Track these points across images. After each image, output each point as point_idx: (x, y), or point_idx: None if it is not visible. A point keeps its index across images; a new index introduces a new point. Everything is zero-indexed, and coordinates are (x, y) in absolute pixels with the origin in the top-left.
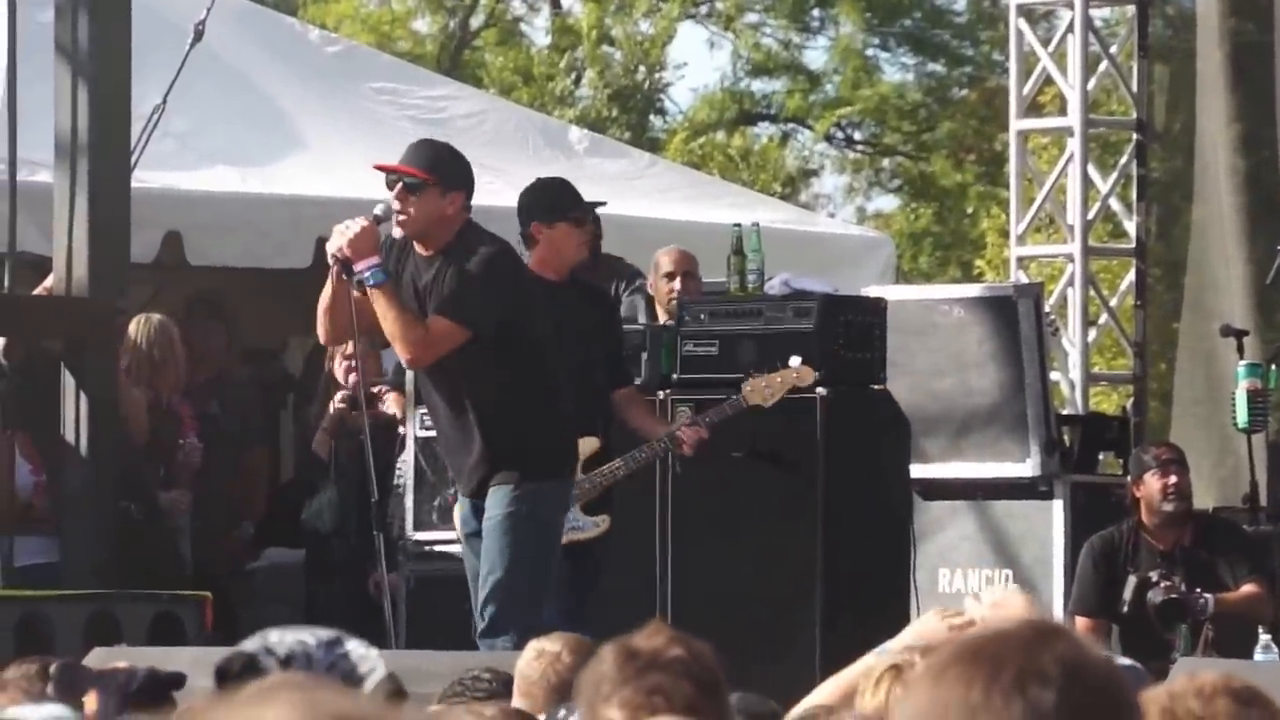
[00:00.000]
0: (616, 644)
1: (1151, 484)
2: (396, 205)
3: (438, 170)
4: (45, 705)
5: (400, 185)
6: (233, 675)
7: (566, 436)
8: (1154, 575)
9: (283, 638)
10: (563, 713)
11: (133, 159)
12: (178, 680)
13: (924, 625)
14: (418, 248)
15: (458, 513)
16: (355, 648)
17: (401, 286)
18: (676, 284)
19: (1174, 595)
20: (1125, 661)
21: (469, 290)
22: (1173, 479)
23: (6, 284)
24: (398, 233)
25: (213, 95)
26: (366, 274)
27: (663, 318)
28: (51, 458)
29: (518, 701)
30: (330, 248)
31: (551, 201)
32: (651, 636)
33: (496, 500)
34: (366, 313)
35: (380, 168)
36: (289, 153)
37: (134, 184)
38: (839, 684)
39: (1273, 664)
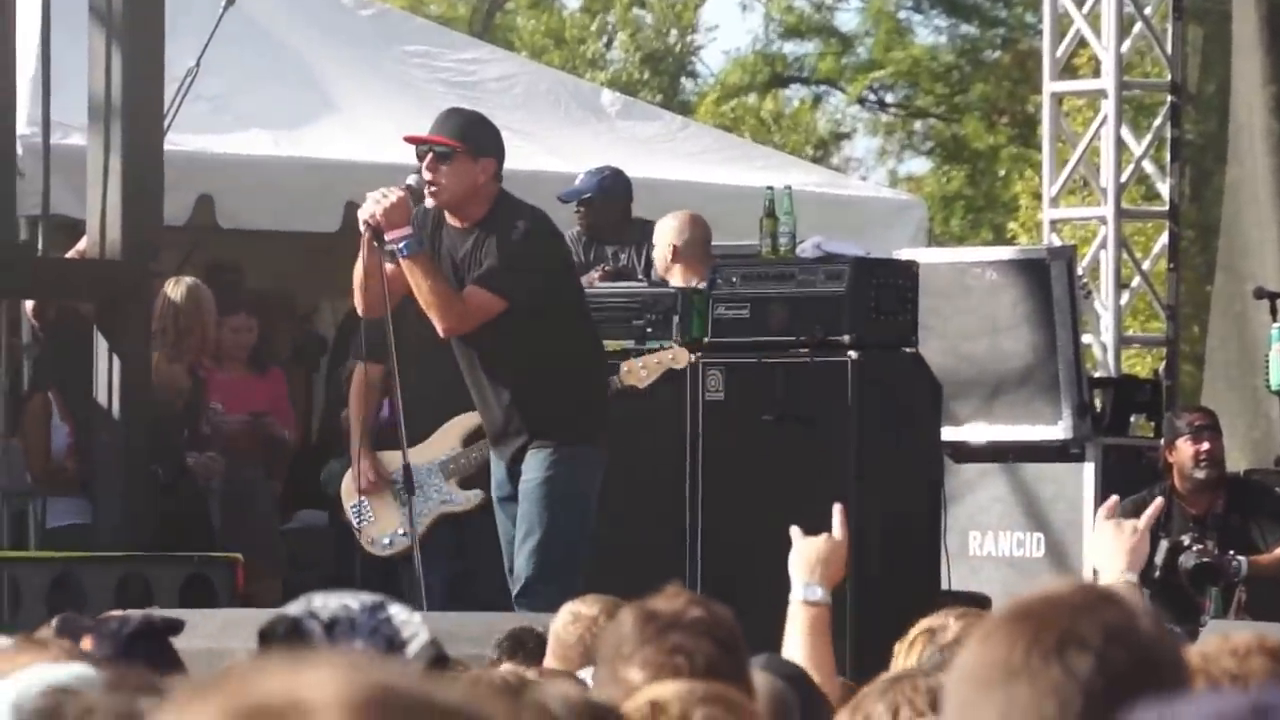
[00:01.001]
0: (635, 606)
1: (1184, 450)
2: (428, 175)
3: (467, 138)
4: (72, 664)
5: (430, 155)
6: (277, 638)
7: (603, 401)
8: (1185, 539)
9: (326, 602)
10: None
11: (166, 122)
12: (175, 626)
13: (802, 550)
14: (450, 220)
15: (492, 476)
16: (398, 613)
17: (441, 259)
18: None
19: (1206, 559)
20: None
21: (507, 261)
22: (1205, 445)
23: (40, 247)
24: (430, 203)
25: (246, 58)
26: (401, 244)
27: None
28: (84, 420)
29: (551, 664)
30: (362, 214)
31: None
32: (671, 598)
33: (534, 464)
34: (399, 282)
35: (410, 139)
36: (321, 116)
37: (167, 147)
38: (799, 645)
39: None
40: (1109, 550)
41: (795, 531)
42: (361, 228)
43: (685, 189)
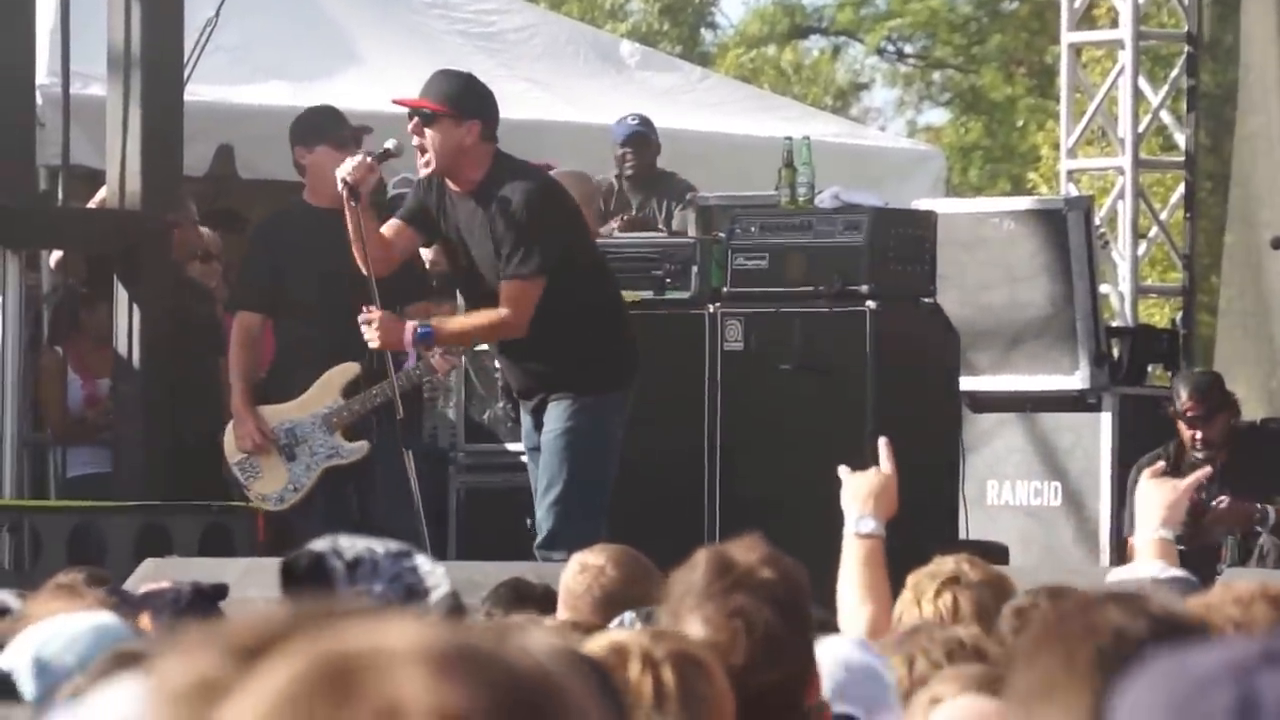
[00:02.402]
0: (713, 552)
1: (1182, 430)
2: (415, 140)
3: (451, 101)
4: (92, 614)
5: (415, 119)
6: (298, 573)
7: (625, 348)
8: (1201, 499)
9: (353, 543)
10: (617, 622)
11: (185, 72)
12: (221, 592)
13: (854, 487)
14: (450, 185)
15: (522, 427)
16: (423, 562)
17: (448, 222)
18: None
19: (1233, 508)
20: (1178, 573)
21: (525, 239)
22: (1198, 434)
23: (60, 197)
24: (424, 172)
25: (265, 8)
26: (418, 338)
27: None
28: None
29: (563, 614)
30: (339, 174)
31: (311, 125)
32: (748, 551)
33: (556, 414)
34: (398, 245)
35: (397, 102)
36: (341, 66)
37: (186, 97)
38: (853, 576)
39: None
40: (1147, 507)
41: (844, 470)
42: (339, 188)
43: (704, 139)
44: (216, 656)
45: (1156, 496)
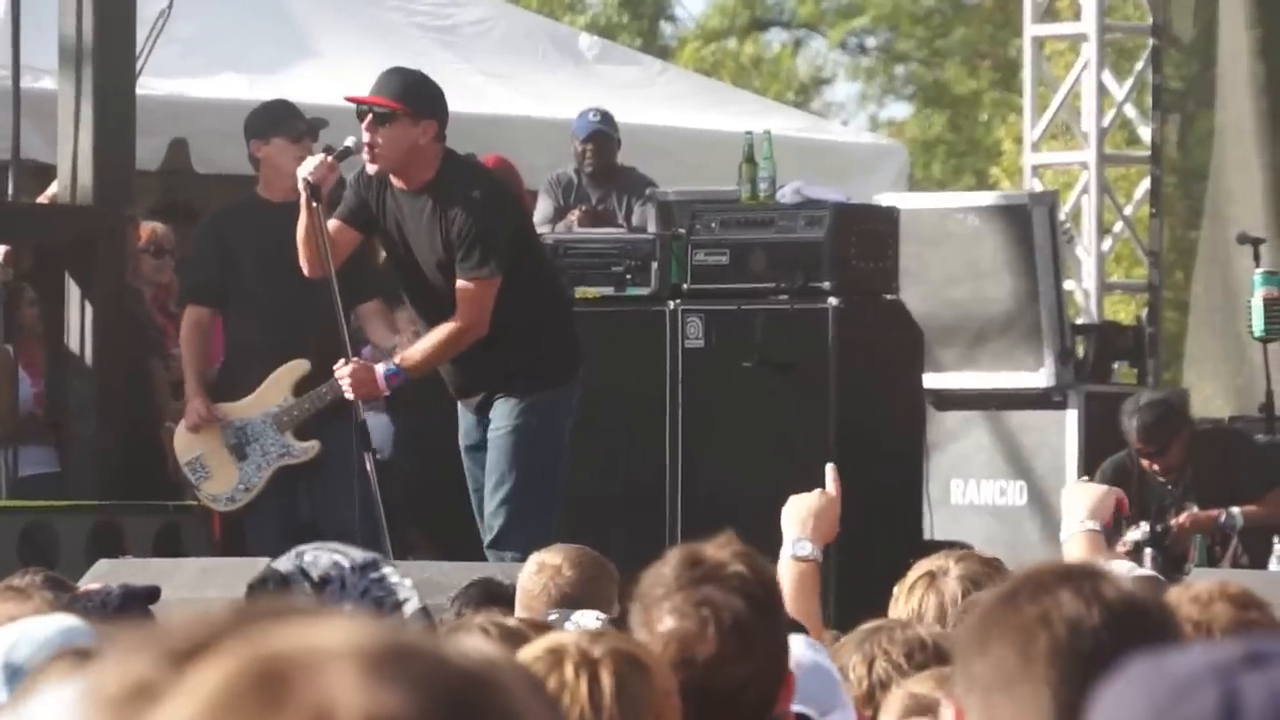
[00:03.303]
0: (685, 548)
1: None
2: (366, 137)
3: (408, 99)
4: (57, 616)
5: (369, 116)
6: (266, 595)
7: (570, 344)
8: (1159, 525)
9: (318, 558)
10: (554, 616)
11: (138, 65)
12: (153, 594)
13: (795, 506)
14: (395, 181)
15: (460, 424)
16: (391, 574)
17: (386, 218)
18: None
19: (1199, 521)
20: (1146, 573)
21: (481, 240)
22: (1156, 466)
23: (10, 191)
24: (372, 169)
25: (219, 1)
26: (391, 379)
27: None
28: (51, 368)
29: (520, 613)
30: (300, 173)
31: (266, 118)
32: (720, 547)
33: (503, 412)
34: (340, 244)
35: (350, 100)
36: (296, 59)
37: (139, 90)
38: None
39: None
40: (1073, 503)
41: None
42: (299, 186)
43: (664, 134)
44: (151, 659)
45: (1082, 492)
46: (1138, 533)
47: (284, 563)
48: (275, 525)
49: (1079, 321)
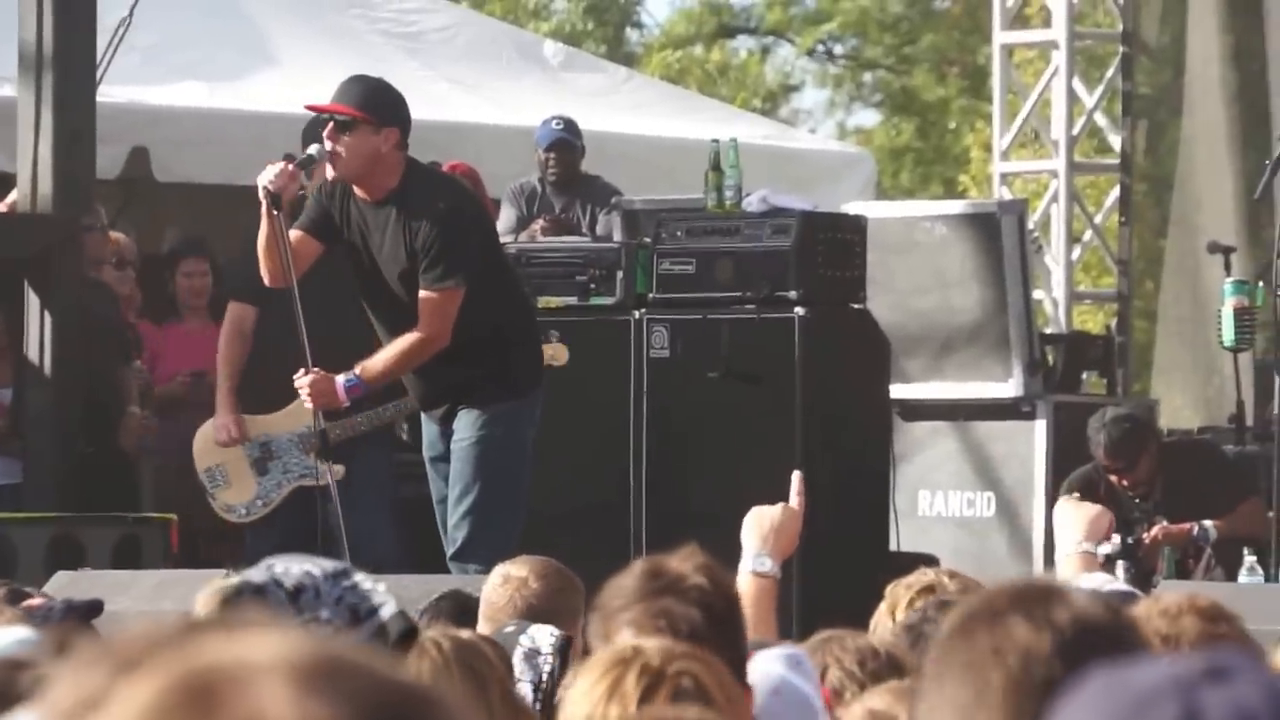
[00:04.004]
0: (649, 560)
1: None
2: (329, 145)
3: (369, 108)
4: (12, 628)
5: (331, 125)
6: (240, 606)
7: (533, 354)
8: (1130, 538)
9: (289, 568)
10: (511, 628)
11: (98, 73)
12: (96, 608)
13: (757, 519)
14: (358, 192)
15: (424, 435)
16: (363, 580)
17: (350, 229)
18: None
19: (1171, 535)
20: (1122, 588)
21: (446, 252)
22: (1125, 481)
23: None
24: (332, 175)
25: (180, 8)
26: (350, 389)
27: None
28: (15, 377)
29: (484, 627)
30: (261, 180)
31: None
32: (683, 560)
33: (467, 423)
34: (302, 255)
35: (311, 108)
36: (258, 67)
37: (99, 98)
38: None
39: (1258, 586)
40: (1066, 523)
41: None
42: (260, 195)
43: (629, 141)
44: (103, 671)
45: (1076, 512)
46: (1109, 546)
47: (256, 574)
48: (280, 545)
49: (1048, 331)
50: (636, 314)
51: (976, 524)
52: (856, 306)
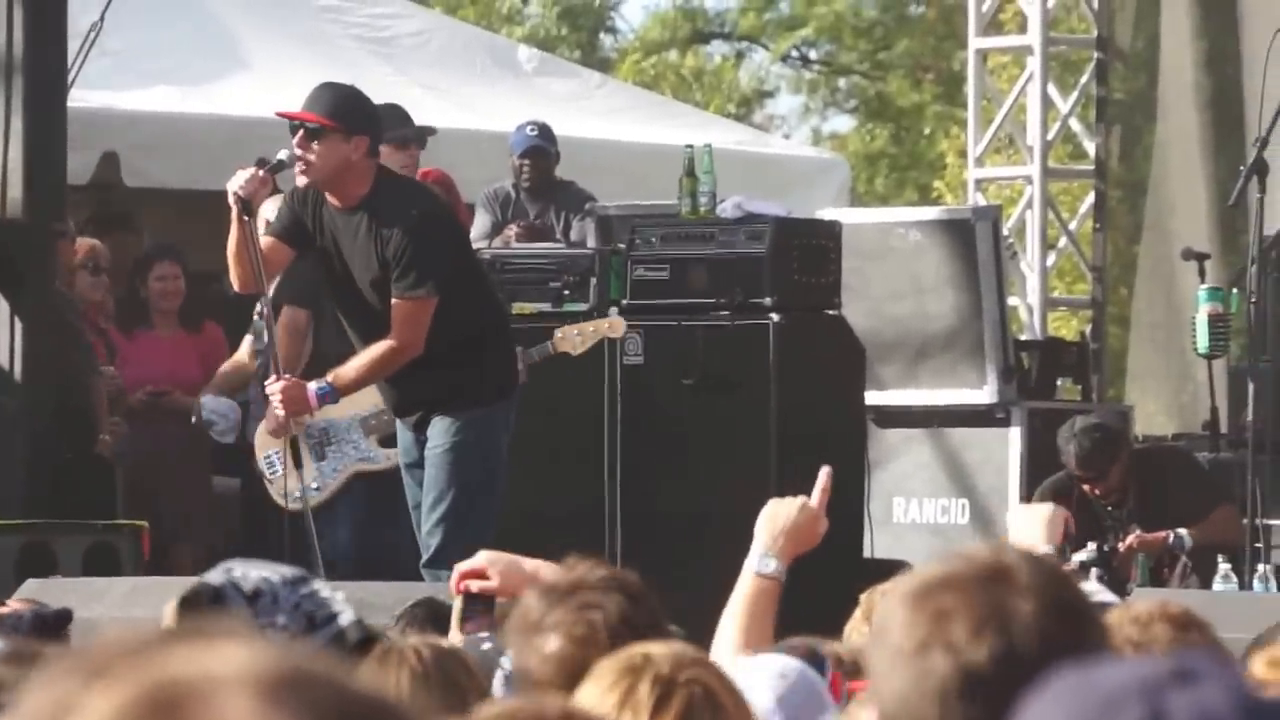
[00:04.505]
0: (536, 585)
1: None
2: (298, 152)
3: (339, 115)
4: None
5: (301, 132)
6: (198, 609)
7: (507, 361)
8: (1105, 545)
9: (247, 572)
10: (489, 645)
11: (69, 77)
12: (65, 617)
13: (772, 513)
14: (330, 199)
15: (399, 442)
16: (320, 587)
17: (324, 236)
18: None
19: (1146, 543)
20: (1108, 597)
21: (417, 260)
22: (1096, 490)
23: None
24: (301, 181)
25: (152, 12)
26: (322, 396)
27: None
28: None
29: (454, 636)
30: (230, 187)
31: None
32: (571, 568)
33: (440, 429)
34: (274, 261)
35: (282, 115)
36: (230, 72)
37: (70, 103)
38: (738, 613)
39: (1232, 594)
40: (1022, 526)
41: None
42: (230, 200)
43: (603, 147)
44: (74, 680)
45: (1032, 514)
46: (1084, 553)
47: (214, 576)
48: (341, 530)
49: (1022, 338)
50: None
51: (951, 531)
52: (831, 313)
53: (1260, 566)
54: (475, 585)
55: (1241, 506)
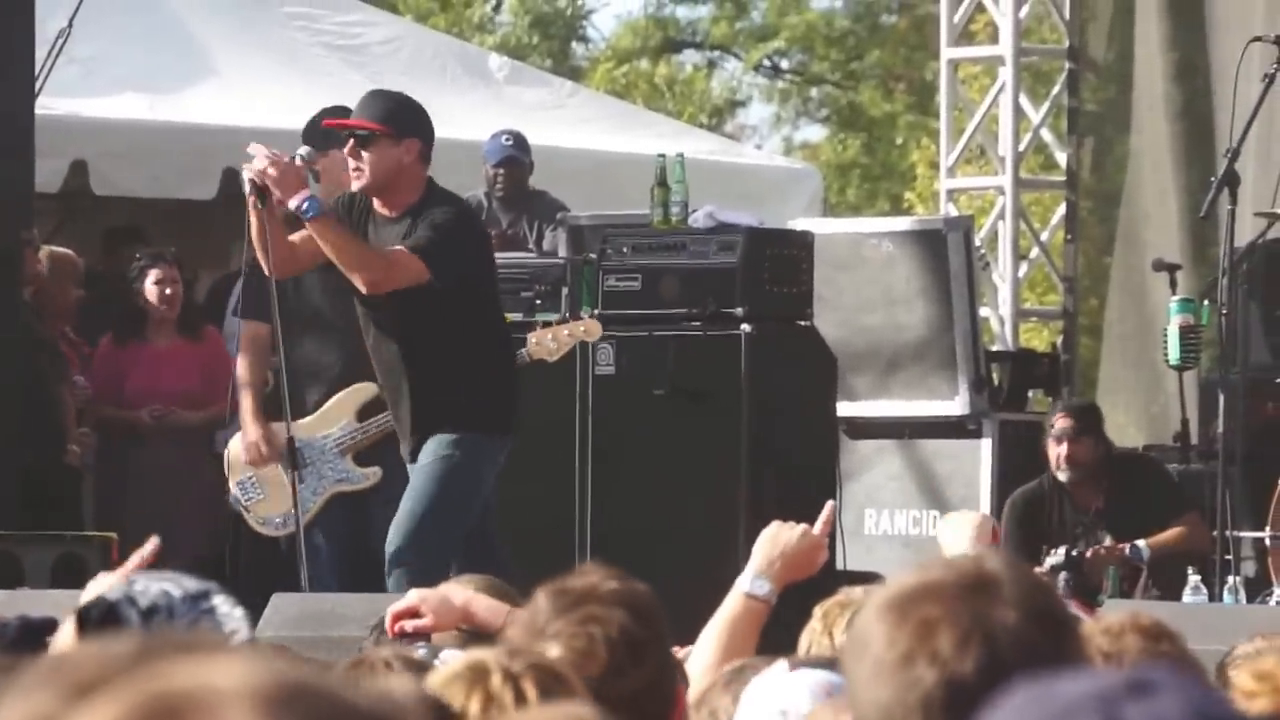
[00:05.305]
0: (550, 585)
1: (1050, 451)
2: (351, 163)
3: (388, 118)
4: None
5: (352, 141)
6: (92, 623)
7: (512, 392)
8: (1074, 550)
9: (148, 587)
10: (423, 649)
11: (37, 85)
12: (50, 625)
13: (773, 536)
14: (379, 207)
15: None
16: (221, 604)
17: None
18: None
19: (1103, 556)
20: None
21: (436, 236)
22: (1064, 450)
23: None
24: (355, 187)
25: (120, 19)
26: (303, 205)
27: None
28: None
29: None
30: (247, 172)
31: (319, 128)
32: (585, 575)
33: (432, 446)
34: (304, 254)
35: (330, 124)
36: (199, 80)
37: (38, 111)
38: (719, 632)
39: (1202, 605)
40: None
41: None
42: (245, 186)
43: (575, 156)
44: (53, 694)
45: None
46: (1054, 558)
47: (113, 591)
48: (328, 551)
49: (994, 349)
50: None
51: (923, 543)
52: (803, 323)
53: (1230, 578)
54: (410, 625)
55: (1212, 518)
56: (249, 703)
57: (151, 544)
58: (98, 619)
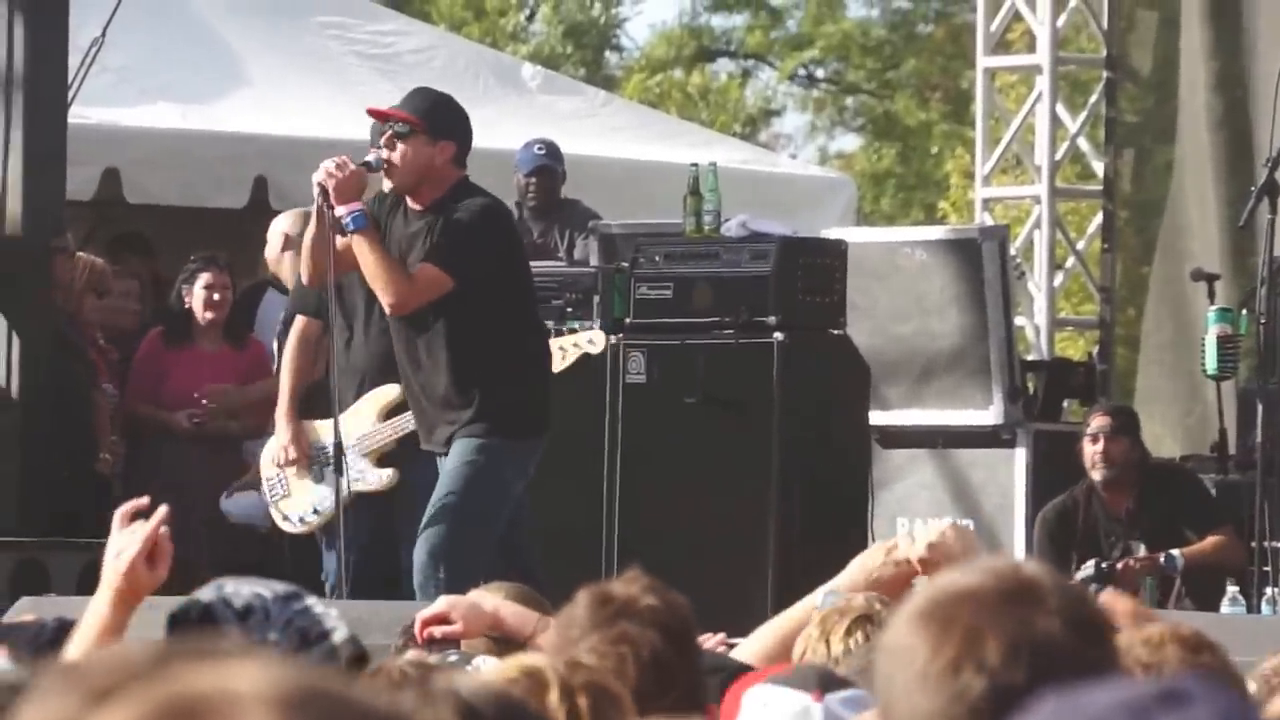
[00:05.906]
0: (593, 588)
1: (1085, 451)
2: (385, 151)
3: (427, 117)
4: None
5: (388, 132)
6: (188, 625)
7: (545, 395)
8: (1105, 562)
9: (239, 589)
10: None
11: (70, 93)
12: None
13: (868, 559)
14: (410, 202)
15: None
16: (314, 604)
17: (390, 241)
18: None
19: (1138, 567)
20: None
21: (457, 239)
22: (1100, 447)
23: None
24: (387, 186)
25: (153, 28)
26: (347, 219)
27: None
28: None
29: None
30: (316, 178)
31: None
32: (628, 584)
33: (459, 449)
34: (349, 256)
35: (372, 112)
36: (231, 88)
37: (71, 119)
38: (779, 630)
39: (1240, 617)
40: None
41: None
42: (315, 191)
43: (607, 165)
44: (73, 698)
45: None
46: (1084, 571)
47: (206, 593)
48: (351, 551)
49: (1029, 358)
50: (613, 339)
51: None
52: (836, 332)
53: (1269, 589)
54: (439, 631)
55: (1250, 529)
56: (266, 706)
57: (162, 511)
58: (195, 622)
